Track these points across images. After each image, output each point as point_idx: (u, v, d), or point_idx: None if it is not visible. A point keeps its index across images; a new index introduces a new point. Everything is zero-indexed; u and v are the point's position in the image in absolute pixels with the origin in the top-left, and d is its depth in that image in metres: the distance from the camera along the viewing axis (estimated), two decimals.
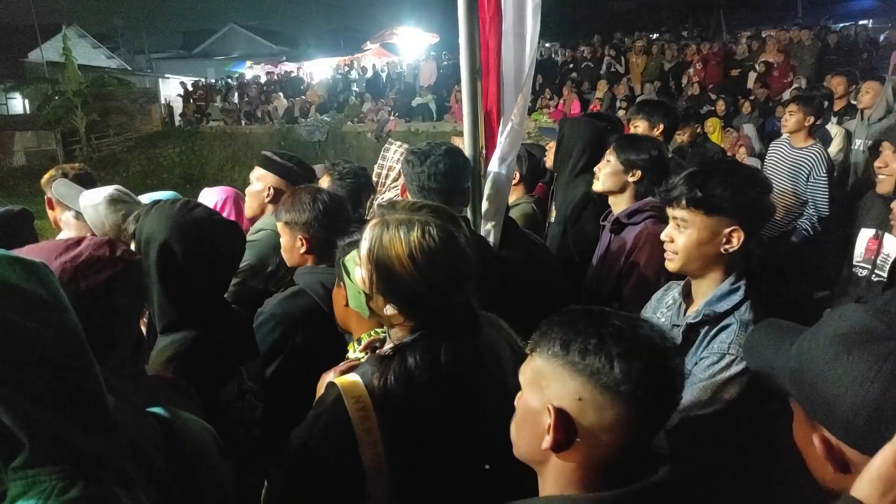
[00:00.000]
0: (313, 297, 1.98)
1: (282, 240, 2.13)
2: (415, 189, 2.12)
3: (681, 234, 1.67)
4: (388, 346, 1.32)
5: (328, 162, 3.15)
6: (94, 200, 2.26)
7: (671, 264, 1.73)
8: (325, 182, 2.80)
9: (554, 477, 0.98)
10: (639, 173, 2.42)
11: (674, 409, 0.97)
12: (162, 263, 1.56)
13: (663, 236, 1.74)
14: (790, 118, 4.19)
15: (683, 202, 1.63)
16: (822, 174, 4.04)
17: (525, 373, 1.02)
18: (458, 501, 1.24)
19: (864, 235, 2.88)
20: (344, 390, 1.23)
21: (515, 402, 1.04)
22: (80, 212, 2.32)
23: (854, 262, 2.91)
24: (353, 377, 1.27)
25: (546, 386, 0.96)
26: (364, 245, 1.25)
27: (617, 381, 0.89)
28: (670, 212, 1.70)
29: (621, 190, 2.47)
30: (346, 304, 1.59)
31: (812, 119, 4.15)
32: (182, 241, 1.58)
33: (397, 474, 1.20)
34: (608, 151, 2.50)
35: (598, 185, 2.52)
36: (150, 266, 1.57)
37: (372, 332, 1.59)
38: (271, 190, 2.62)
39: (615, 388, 0.90)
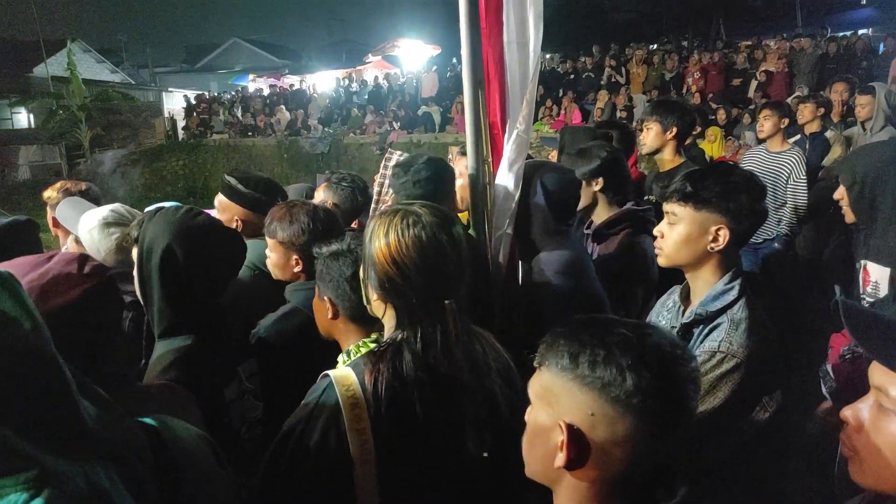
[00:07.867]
0: (307, 313, 1.92)
1: (272, 254, 2.08)
2: (402, 198, 2.21)
3: (671, 230, 1.72)
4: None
5: (328, 172, 3.16)
6: (90, 225, 2.26)
7: (660, 259, 1.77)
8: (322, 191, 2.77)
9: (569, 496, 0.97)
10: (600, 181, 2.57)
11: (689, 420, 0.93)
12: (164, 267, 1.58)
13: (655, 231, 1.78)
14: (766, 123, 4.41)
15: (675, 196, 1.69)
16: (802, 176, 4.25)
17: (534, 387, 0.99)
18: (443, 495, 1.26)
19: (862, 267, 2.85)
20: (336, 380, 1.26)
21: (525, 417, 1.01)
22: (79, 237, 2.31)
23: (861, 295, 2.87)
24: (346, 369, 1.31)
25: (556, 401, 0.94)
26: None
27: (629, 393, 0.87)
28: (665, 207, 1.75)
29: (594, 202, 2.63)
30: (332, 317, 1.58)
31: (787, 121, 4.40)
32: (184, 245, 1.59)
33: (384, 466, 1.22)
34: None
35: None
36: (152, 270, 1.58)
37: (360, 343, 1.57)
38: (239, 222, 2.44)
39: (626, 401, 0.87)
